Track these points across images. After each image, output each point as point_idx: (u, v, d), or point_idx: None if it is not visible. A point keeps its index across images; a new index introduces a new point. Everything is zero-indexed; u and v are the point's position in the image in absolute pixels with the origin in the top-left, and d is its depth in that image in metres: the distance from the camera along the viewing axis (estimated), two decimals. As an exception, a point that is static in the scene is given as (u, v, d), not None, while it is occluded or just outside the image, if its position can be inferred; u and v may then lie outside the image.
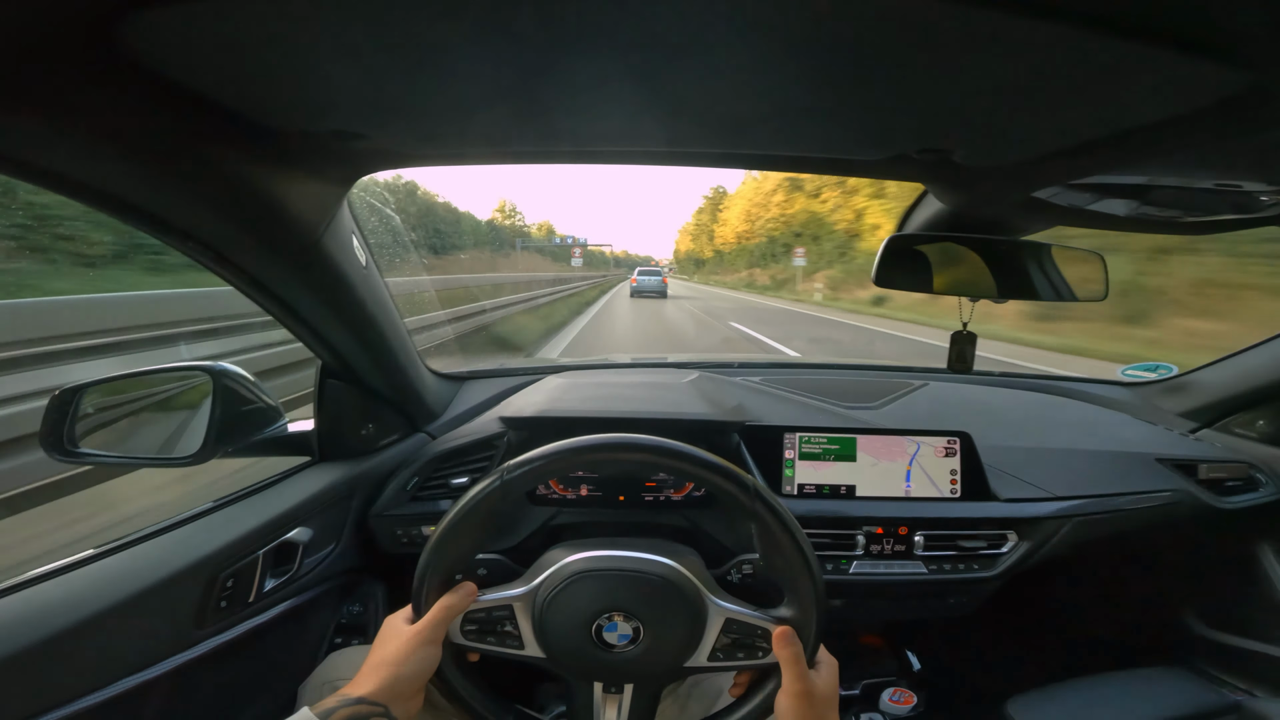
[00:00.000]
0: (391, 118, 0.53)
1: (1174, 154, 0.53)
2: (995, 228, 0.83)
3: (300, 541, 0.84)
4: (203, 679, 0.71)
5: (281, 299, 0.73)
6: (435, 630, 0.58)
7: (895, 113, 0.50)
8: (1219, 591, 1.29)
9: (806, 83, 0.43)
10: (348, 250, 0.73)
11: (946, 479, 1.04)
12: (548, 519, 1.01)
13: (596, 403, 1.05)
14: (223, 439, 0.80)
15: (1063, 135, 0.52)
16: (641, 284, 20.39)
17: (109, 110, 0.41)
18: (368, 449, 0.99)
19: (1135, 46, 0.35)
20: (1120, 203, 0.70)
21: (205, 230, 0.59)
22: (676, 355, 1.65)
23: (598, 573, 0.60)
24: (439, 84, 0.46)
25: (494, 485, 0.58)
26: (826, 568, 0.99)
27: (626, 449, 0.59)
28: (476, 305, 7.96)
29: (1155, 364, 1.41)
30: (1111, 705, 0.98)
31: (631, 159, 0.64)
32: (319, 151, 0.58)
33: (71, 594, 0.60)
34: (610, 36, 0.37)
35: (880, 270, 0.83)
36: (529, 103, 0.50)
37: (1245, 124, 0.45)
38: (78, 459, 0.75)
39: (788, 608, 0.61)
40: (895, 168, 0.64)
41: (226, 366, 0.81)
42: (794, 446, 1.04)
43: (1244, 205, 0.74)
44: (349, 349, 0.86)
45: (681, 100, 0.48)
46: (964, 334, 0.91)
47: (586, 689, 0.62)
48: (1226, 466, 1.15)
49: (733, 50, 0.38)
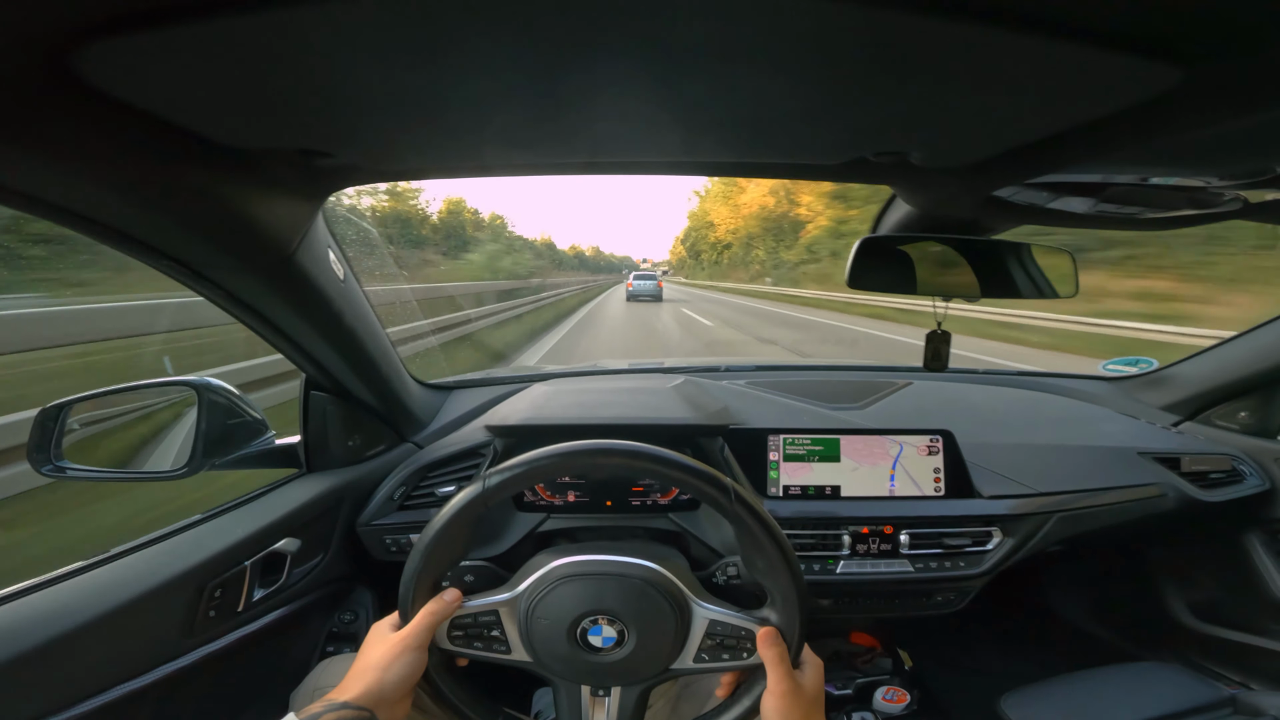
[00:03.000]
0: (357, 138, 0.54)
1: (1119, 151, 0.54)
2: (964, 228, 0.85)
3: (288, 552, 0.85)
4: (193, 688, 0.71)
5: (260, 314, 0.74)
6: (421, 636, 0.59)
7: (851, 117, 0.51)
8: (1209, 585, 1.29)
9: (761, 89, 0.45)
10: (324, 264, 0.74)
11: (930, 478, 1.05)
12: (536, 525, 1.02)
13: (581, 409, 1.07)
14: (210, 452, 0.81)
15: (1012, 134, 0.54)
16: (637, 289, 20.78)
17: (71, 134, 0.41)
18: (355, 459, 1.00)
19: (1070, 46, 0.36)
20: (1079, 200, 0.72)
21: (177, 248, 0.59)
22: (663, 360, 1.67)
23: (581, 576, 0.61)
24: (405, 108, 0.47)
25: (475, 494, 0.59)
26: (813, 568, 1.00)
27: (606, 454, 0.60)
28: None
29: (1136, 358, 1.42)
30: (1105, 701, 0.97)
31: (598, 169, 0.66)
32: (287, 169, 0.59)
33: (59, 605, 0.61)
34: (584, 51, 0.38)
35: (853, 272, 0.84)
36: (501, 122, 0.51)
37: (1183, 119, 0.47)
38: (65, 475, 0.76)
39: (771, 609, 0.61)
40: (855, 171, 0.66)
41: (210, 380, 0.82)
42: (778, 449, 1.05)
43: (1202, 200, 0.76)
44: (331, 362, 0.87)
45: (635, 110, 0.49)
46: (939, 333, 0.92)
47: (574, 691, 0.62)
48: (1209, 459, 1.16)
49: (688, 58, 0.39)
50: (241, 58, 0.37)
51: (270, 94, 0.43)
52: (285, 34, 0.34)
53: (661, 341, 9.09)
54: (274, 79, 0.40)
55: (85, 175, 0.45)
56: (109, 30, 0.33)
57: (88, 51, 0.35)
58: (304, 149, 0.54)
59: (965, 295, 0.90)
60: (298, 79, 0.40)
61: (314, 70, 0.39)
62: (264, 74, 0.39)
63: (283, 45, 0.36)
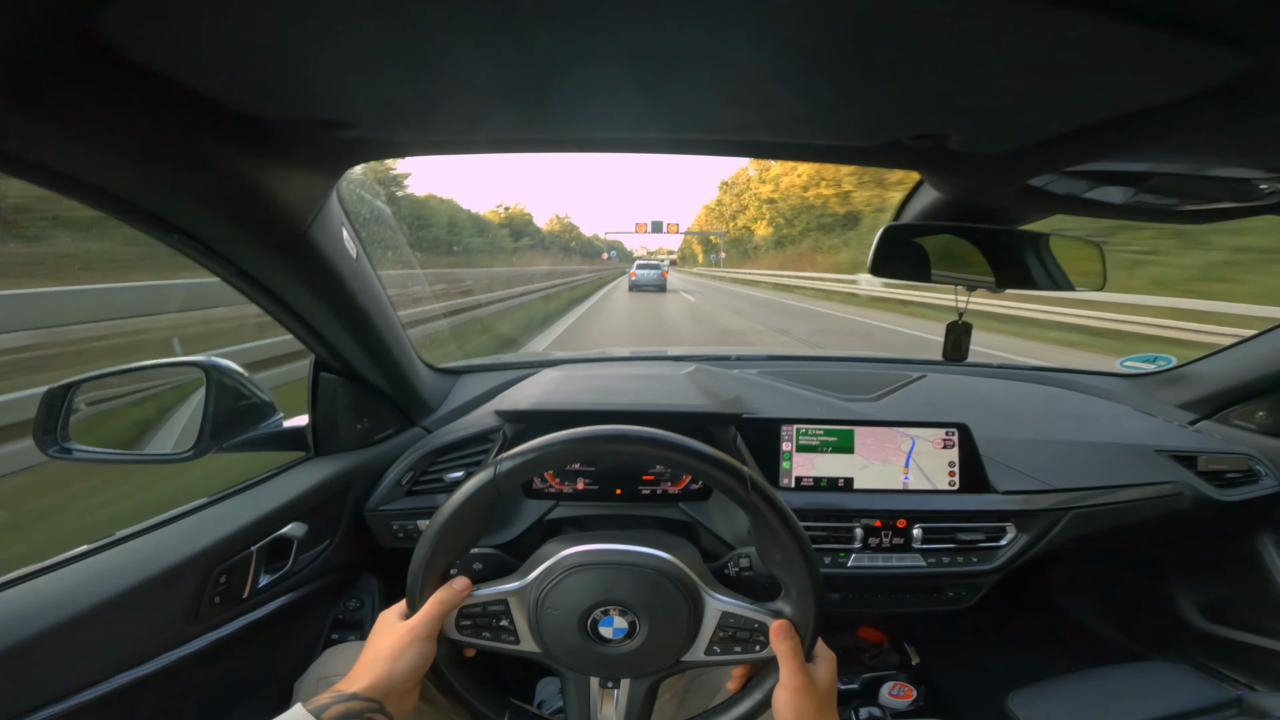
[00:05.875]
0: (380, 108, 0.52)
1: (1169, 140, 0.52)
2: (991, 217, 0.83)
3: (295, 537, 0.84)
4: (198, 675, 0.71)
5: (271, 292, 0.72)
6: (429, 626, 0.58)
7: (889, 97, 0.49)
8: (1219, 586, 1.28)
9: (797, 67, 0.43)
10: (337, 242, 0.73)
11: (944, 471, 1.04)
12: (544, 513, 1.01)
13: (592, 395, 1.05)
14: (217, 434, 0.80)
15: (1058, 120, 0.52)
16: (640, 278, 20.80)
17: (87, 102, 0.40)
18: (363, 443, 0.99)
19: (1130, 28, 0.34)
20: (1116, 190, 0.70)
21: (189, 222, 0.58)
22: (674, 349, 1.65)
23: (592, 566, 0.59)
24: (429, 75, 0.45)
25: (486, 479, 0.58)
26: (824, 561, 0.99)
27: (620, 440, 0.58)
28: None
29: (1154, 355, 1.41)
30: (1112, 700, 0.97)
31: (622, 147, 0.64)
32: (305, 141, 0.57)
33: (64, 590, 0.60)
34: (611, 31, 0.37)
35: (876, 260, 0.83)
36: (526, 93, 0.49)
37: (1241, 108, 0.45)
38: (71, 456, 0.75)
39: (785, 601, 0.60)
40: (889, 154, 0.63)
41: (219, 361, 0.81)
42: (791, 439, 1.04)
43: (1242, 193, 0.73)
44: (341, 343, 0.86)
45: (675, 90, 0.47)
46: (959, 324, 0.90)
47: (583, 683, 0.61)
48: (1226, 458, 1.14)
49: (721, 35, 0.38)
50: (265, 19, 0.35)
51: (295, 58, 0.41)
52: None
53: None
54: (298, 42, 0.38)
55: (99, 145, 0.43)
56: None
57: (107, 11, 0.33)
58: (324, 119, 0.53)
59: (988, 286, 0.88)
60: (322, 44, 0.39)
61: (339, 35, 0.37)
62: (288, 37, 0.38)
63: (307, 6, 0.34)
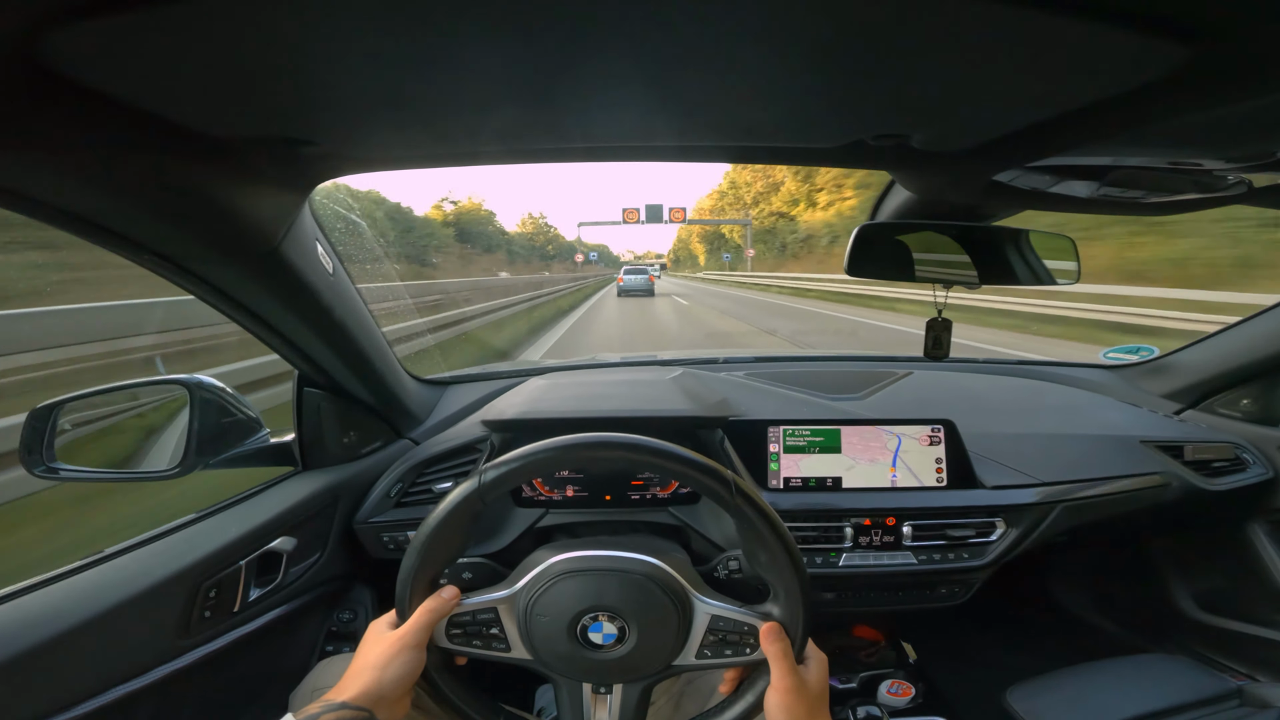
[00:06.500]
0: (346, 124, 0.52)
1: (1124, 133, 0.53)
2: (964, 214, 0.84)
3: (284, 550, 0.84)
4: (189, 690, 0.71)
5: (247, 309, 0.73)
6: (419, 635, 0.58)
7: (848, 99, 0.50)
8: (1213, 575, 1.28)
9: (757, 68, 0.43)
10: (311, 257, 0.73)
11: (932, 468, 1.04)
12: (535, 521, 1.01)
13: (578, 403, 1.06)
14: (203, 451, 0.80)
15: (1014, 116, 0.53)
16: (628, 283, 21.19)
17: (42, 125, 0.40)
18: (350, 457, 0.99)
19: (1074, 23, 0.35)
20: (1081, 184, 0.71)
21: (158, 242, 0.58)
22: (663, 353, 1.66)
23: (580, 573, 0.60)
24: (388, 91, 0.45)
25: (470, 489, 0.58)
26: (816, 561, 0.99)
27: (604, 447, 0.59)
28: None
29: (1136, 346, 1.41)
30: (1112, 693, 0.97)
31: (578, 157, 0.64)
32: (270, 158, 0.57)
33: (51, 606, 0.60)
34: (577, 33, 0.37)
35: (852, 259, 0.84)
36: (492, 108, 0.50)
37: (1191, 99, 0.46)
38: (58, 476, 0.75)
39: (774, 603, 0.60)
40: (854, 155, 0.64)
41: (203, 379, 0.81)
42: (778, 440, 1.04)
43: (1207, 184, 0.75)
44: (323, 357, 0.86)
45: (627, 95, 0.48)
46: (939, 320, 0.91)
47: (576, 689, 0.62)
48: (1213, 447, 1.15)
49: (682, 37, 0.38)
50: (217, 39, 0.35)
51: (249, 77, 0.41)
52: (261, 13, 0.33)
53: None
54: (253, 61, 0.39)
55: (59, 167, 0.43)
56: (80, 13, 0.31)
57: (55, 37, 0.33)
58: (288, 137, 0.53)
59: (965, 282, 0.89)
60: (278, 61, 0.39)
61: (295, 52, 0.38)
62: (242, 56, 0.38)
63: (260, 25, 0.34)
